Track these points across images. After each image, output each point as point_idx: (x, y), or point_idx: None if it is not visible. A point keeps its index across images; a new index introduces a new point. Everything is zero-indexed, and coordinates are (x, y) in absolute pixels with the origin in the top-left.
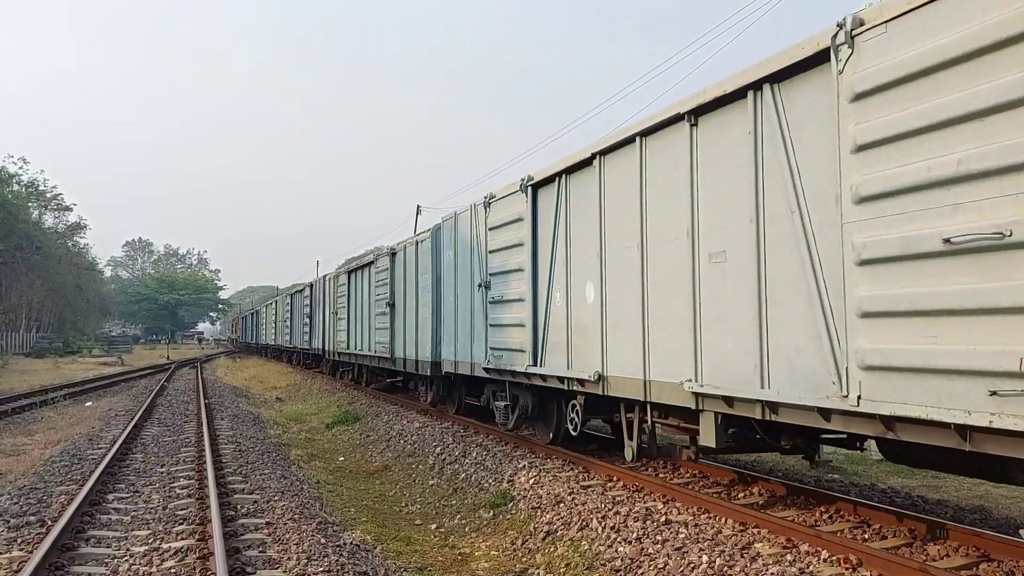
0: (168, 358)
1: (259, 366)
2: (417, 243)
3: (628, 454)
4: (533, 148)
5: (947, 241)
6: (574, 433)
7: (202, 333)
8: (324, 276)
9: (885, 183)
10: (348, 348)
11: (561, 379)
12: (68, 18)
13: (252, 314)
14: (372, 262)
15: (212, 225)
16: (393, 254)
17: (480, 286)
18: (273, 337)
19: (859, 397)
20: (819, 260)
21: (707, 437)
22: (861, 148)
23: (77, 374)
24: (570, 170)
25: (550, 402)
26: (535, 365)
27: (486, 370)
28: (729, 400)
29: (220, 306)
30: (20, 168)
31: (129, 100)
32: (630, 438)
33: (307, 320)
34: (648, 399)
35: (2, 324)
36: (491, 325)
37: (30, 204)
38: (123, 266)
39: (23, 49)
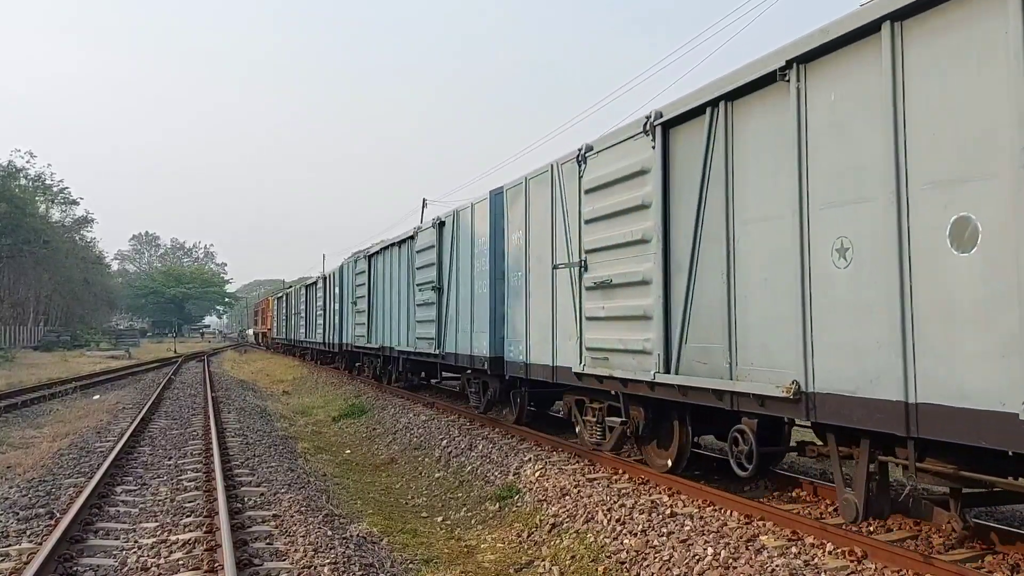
0: (175, 352)
1: (265, 360)
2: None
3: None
4: (527, 148)
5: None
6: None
7: (208, 327)
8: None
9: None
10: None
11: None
12: (69, 21)
13: (319, 283)
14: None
15: (217, 220)
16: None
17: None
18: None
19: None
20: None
21: None
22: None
23: (85, 368)
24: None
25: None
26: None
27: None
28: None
29: (227, 300)
30: (27, 162)
31: (132, 101)
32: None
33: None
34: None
35: (10, 318)
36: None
37: (37, 198)
38: (130, 260)
39: (22, 53)
